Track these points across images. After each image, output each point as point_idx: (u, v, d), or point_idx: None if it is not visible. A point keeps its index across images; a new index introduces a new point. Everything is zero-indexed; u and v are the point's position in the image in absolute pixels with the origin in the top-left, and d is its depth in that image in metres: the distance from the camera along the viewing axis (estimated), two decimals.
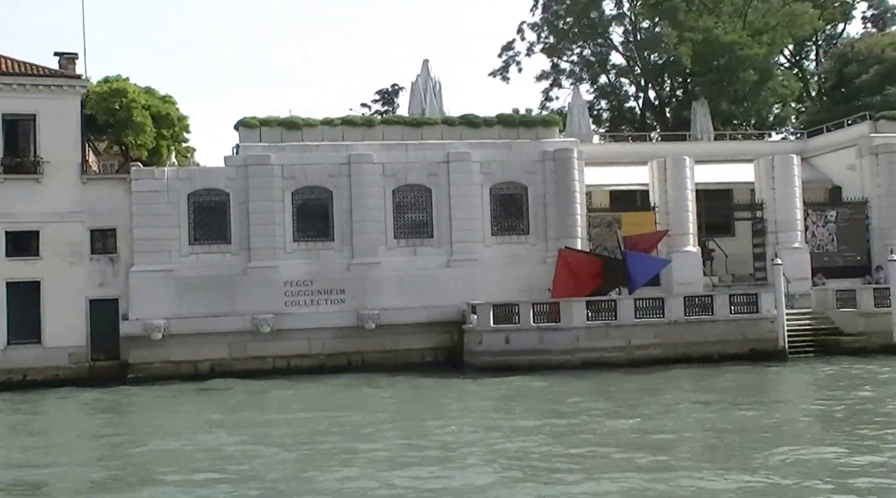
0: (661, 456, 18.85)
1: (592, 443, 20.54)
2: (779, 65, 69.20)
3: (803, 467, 17.58)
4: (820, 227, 42.65)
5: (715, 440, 20.70)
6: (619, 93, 59.59)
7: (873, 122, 44.15)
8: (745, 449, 19.38)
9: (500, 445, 20.66)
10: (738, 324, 35.46)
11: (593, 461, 18.59)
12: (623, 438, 20.84)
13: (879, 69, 57.72)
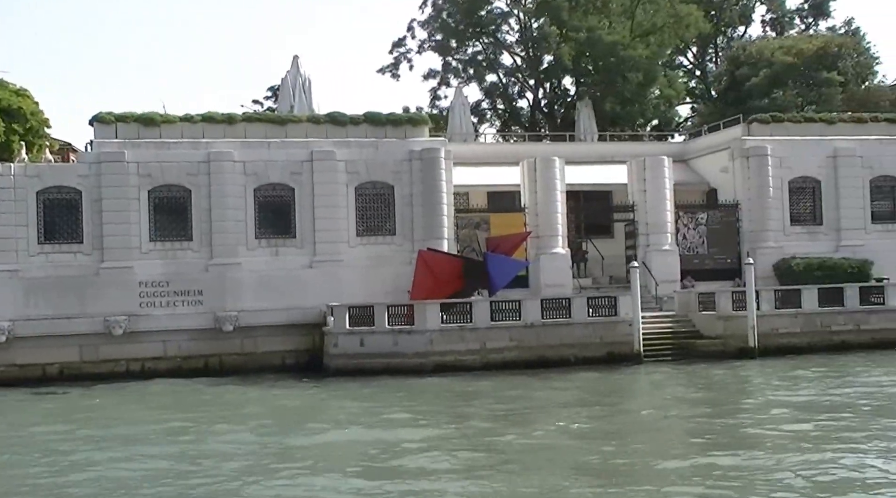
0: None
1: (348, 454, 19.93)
2: (678, 66, 69.73)
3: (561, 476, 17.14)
4: (691, 230, 42.56)
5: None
6: (510, 92, 59.19)
7: (746, 124, 44.18)
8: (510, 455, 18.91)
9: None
10: (595, 327, 35.11)
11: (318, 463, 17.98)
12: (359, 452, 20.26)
13: (769, 73, 58.19)
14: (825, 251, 42.60)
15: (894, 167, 44.09)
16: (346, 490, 16.65)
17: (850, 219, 43.40)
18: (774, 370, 32.18)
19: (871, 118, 45.01)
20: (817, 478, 16.59)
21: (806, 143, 43.47)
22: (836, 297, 37.31)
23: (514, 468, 18.07)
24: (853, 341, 36.76)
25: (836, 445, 19.24)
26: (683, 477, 17.08)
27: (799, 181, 43.41)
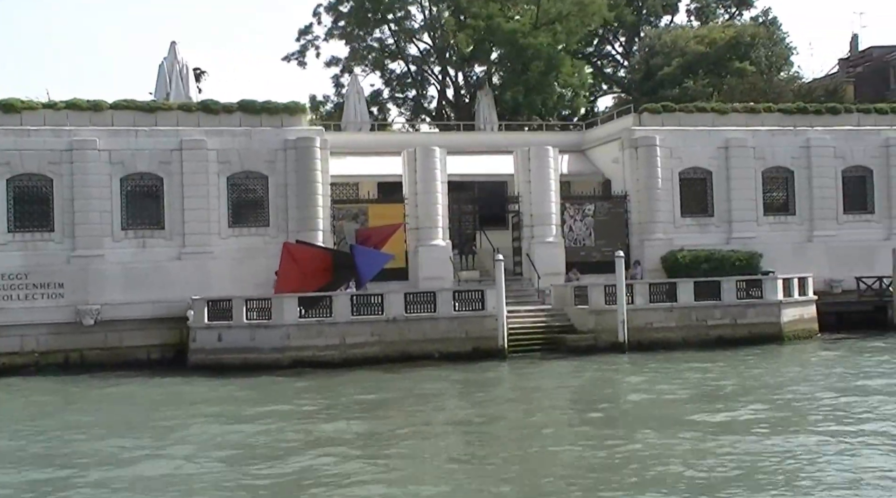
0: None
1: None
2: (604, 55, 69.05)
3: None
4: (578, 222, 41.74)
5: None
6: (418, 81, 58.04)
7: (637, 114, 43.38)
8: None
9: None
10: (461, 322, 34.21)
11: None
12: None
13: (681, 62, 57.52)
14: (716, 243, 41.91)
15: (787, 158, 43.46)
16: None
17: (742, 211, 42.72)
18: (630, 366, 31.39)
19: (764, 109, 44.30)
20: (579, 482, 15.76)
21: (697, 133, 42.73)
22: (712, 290, 36.56)
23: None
24: (730, 336, 36.05)
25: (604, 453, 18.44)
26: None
27: (689, 172, 42.69)
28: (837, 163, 43.97)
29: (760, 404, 22.80)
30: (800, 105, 44.74)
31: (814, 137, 43.63)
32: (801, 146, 43.50)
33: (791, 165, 43.51)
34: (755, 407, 22.49)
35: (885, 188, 44.29)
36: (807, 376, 28.13)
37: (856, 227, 44.04)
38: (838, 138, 43.98)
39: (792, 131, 43.70)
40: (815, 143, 43.53)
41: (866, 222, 44.27)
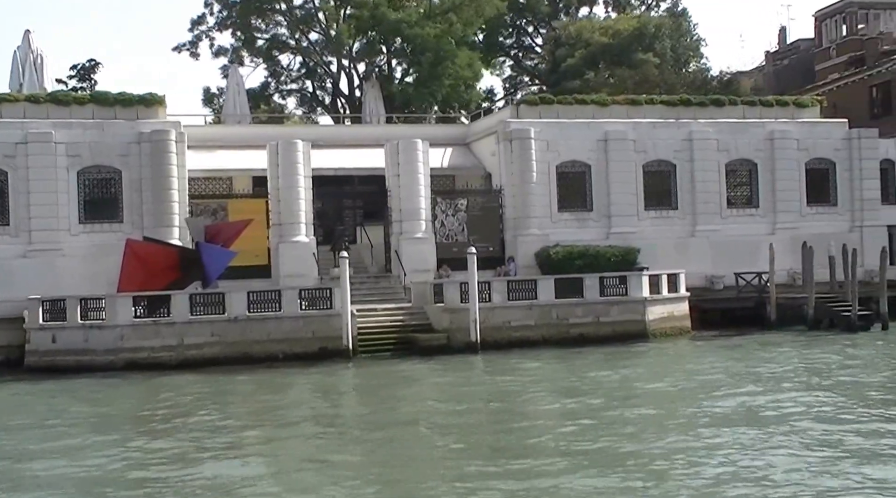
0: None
1: None
2: (517, 47, 68.00)
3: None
4: (450, 217, 40.60)
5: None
6: (313, 73, 56.52)
7: (515, 106, 42.30)
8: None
9: None
10: (308, 321, 32.99)
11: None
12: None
13: (584, 54, 56.54)
14: (594, 239, 40.90)
15: (669, 151, 42.52)
16: None
17: (621, 205, 41.74)
18: (459, 368, 30.35)
19: (646, 101, 43.31)
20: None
21: (575, 125, 41.67)
22: (575, 288, 35.52)
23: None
24: (592, 334, 35.02)
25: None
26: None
27: (567, 166, 41.65)
28: (721, 156, 43.07)
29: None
30: (683, 97, 43.84)
31: (696, 130, 42.70)
32: (684, 139, 42.57)
33: (673, 158, 42.57)
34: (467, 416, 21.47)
35: (769, 182, 43.46)
36: (623, 379, 27.09)
37: (740, 221, 43.20)
38: (722, 131, 43.08)
39: (674, 124, 42.76)
40: (697, 136, 42.60)
41: (751, 217, 43.45)
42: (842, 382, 24.66)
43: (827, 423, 19.10)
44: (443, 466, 16.87)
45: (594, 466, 16.11)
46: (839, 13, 54.39)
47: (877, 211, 44.36)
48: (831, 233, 43.12)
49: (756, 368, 27.86)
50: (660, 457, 16.69)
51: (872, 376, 25.74)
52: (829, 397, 22.18)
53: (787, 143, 43.50)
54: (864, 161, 44.23)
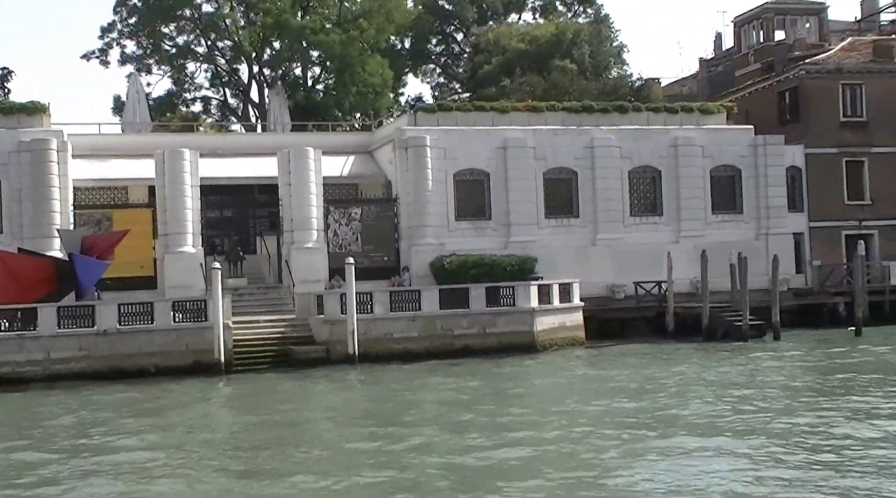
0: None
1: None
2: (436, 54, 67.48)
3: None
4: (343, 226, 39.84)
5: None
6: (222, 80, 55.57)
7: (412, 114, 41.67)
8: None
9: None
10: (181, 334, 32.08)
11: None
12: None
13: (501, 60, 56.02)
14: (493, 248, 40.32)
15: (570, 159, 41.99)
16: None
17: (521, 214, 41.16)
18: (327, 382, 29.66)
19: (548, 107, 42.74)
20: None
21: (474, 133, 41.09)
22: (460, 298, 34.87)
23: None
24: (478, 346, 34.37)
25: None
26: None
27: (465, 174, 41.05)
28: (624, 163, 42.61)
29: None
30: (586, 104, 43.26)
31: (598, 137, 42.20)
32: (585, 146, 42.05)
33: (574, 166, 42.05)
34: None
35: (673, 189, 43.01)
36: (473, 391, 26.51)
37: (643, 229, 42.71)
38: (625, 138, 42.60)
39: (576, 131, 42.25)
40: (599, 143, 42.10)
41: (654, 225, 42.97)
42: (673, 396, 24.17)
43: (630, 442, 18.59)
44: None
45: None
46: (756, 19, 54.08)
47: (783, 218, 44.03)
48: (737, 241, 42.73)
49: (610, 381, 27.49)
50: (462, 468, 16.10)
51: (718, 391, 25.12)
52: (640, 413, 21.60)
53: (692, 150, 43.09)
54: (770, 168, 43.89)
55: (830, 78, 45.41)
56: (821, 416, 20.41)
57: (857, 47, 47.85)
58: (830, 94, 45.41)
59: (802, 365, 30.10)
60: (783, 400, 22.86)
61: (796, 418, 20.15)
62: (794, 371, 28.52)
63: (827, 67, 45.56)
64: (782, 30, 54.29)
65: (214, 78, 54.58)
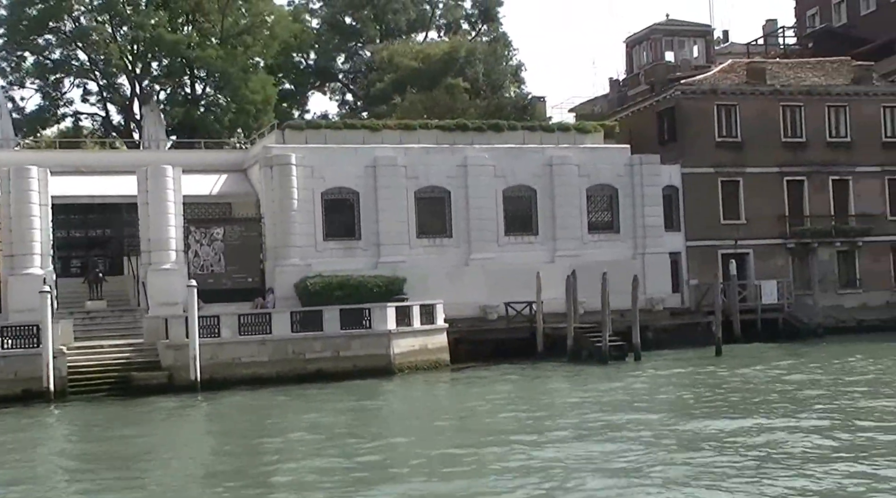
0: None
1: None
2: (340, 71, 66.68)
3: None
4: (205, 246, 38.68)
5: None
6: (102, 95, 54.08)
7: (281, 131, 40.73)
8: None
9: None
10: (9, 360, 30.64)
11: None
12: None
13: (394, 78, 55.36)
14: (363, 268, 39.46)
15: (442, 177, 41.32)
16: None
17: (391, 233, 40.39)
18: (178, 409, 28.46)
19: (420, 125, 42.09)
20: None
21: (343, 151, 40.25)
22: (314, 321, 33.91)
23: None
24: (331, 370, 33.41)
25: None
26: None
27: (334, 192, 40.17)
28: (498, 182, 42.02)
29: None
30: (460, 122, 42.66)
31: (472, 156, 41.60)
32: (459, 165, 41.42)
33: (447, 185, 41.37)
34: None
35: (549, 208, 42.51)
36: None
37: (518, 249, 42.14)
38: (499, 157, 42.04)
39: (449, 149, 41.60)
40: (472, 162, 41.50)
41: (529, 244, 42.42)
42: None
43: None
44: None
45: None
46: (646, 40, 54.06)
47: (660, 238, 43.76)
48: (614, 260, 42.37)
49: (462, 401, 26.73)
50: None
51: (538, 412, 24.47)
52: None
53: (568, 169, 42.66)
54: (647, 187, 43.62)
55: (705, 99, 45.34)
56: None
57: (736, 69, 47.90)
58: (706, 115, 45.33)
59: (631, 389, 28.96)
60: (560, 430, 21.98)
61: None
62: (618, 395, 27.62)
63: (702, 88, 45.49)
64: (671, 51, 54.33)
65: (89, 93, 53.02)
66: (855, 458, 17.46)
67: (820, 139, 46.77)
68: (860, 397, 25.38)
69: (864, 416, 22.25)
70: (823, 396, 25.99)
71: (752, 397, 26.06)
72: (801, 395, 26.33)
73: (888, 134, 47.67)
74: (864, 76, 47.91)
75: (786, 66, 49.70)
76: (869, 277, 46.89)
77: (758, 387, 28.45)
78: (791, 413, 22.91)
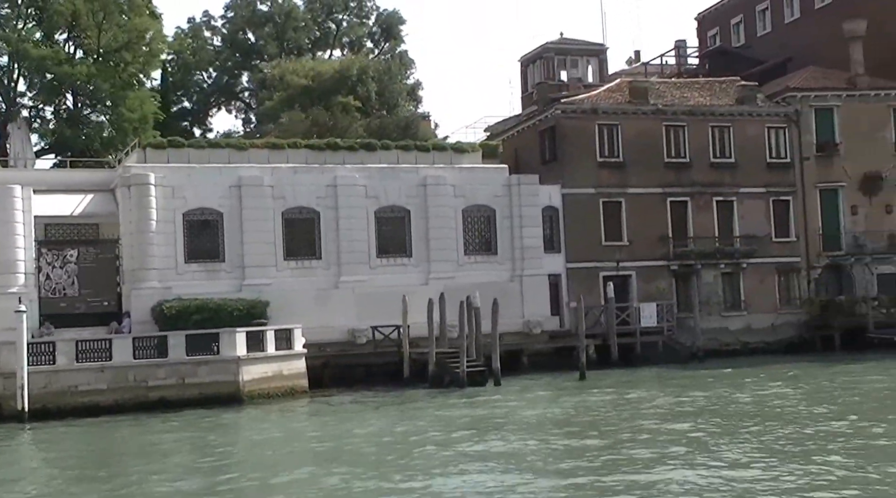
0: None
1: None
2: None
3: None
4: (58, 269, 37.18)
5: None
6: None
7: (143, 150, 39.44)
8: None
9: None
10: None
11: None
12: None
13: (283, 96, 54.36)
14: (227, 291, 38.20)
15: (311, 198, 40.22)
16: None
17: (257, 255, 39.17)
18: None
19: (289, 145, 40.98)
20: None
21: (205, 171, 39.02)
22: (159, 347, 32.58)
23: None
24: (175, 397, 32.03)
25: None
26: None
27: (197, 213, 38.89)
28: (370, 203, 41.02)
29: None
30: (331, 141, 41.64)
31: (342, 176, 40.58)
32: (328, 185, 40.38)
33: (316, 205, 40.29)
34: None
35: (423, 230, 41.56)
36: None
37: (391, 271, 41.11)
38: (371, 177, 41.08)
39: (318, 169, 40.55)
40: (342, 182, 40.48)
41: (403, 266, 41.41)
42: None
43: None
44: None
45: None
46: (539, 58, 53.58)
47: (539, 259, 42.97)
48: (491, 282, 41.54)
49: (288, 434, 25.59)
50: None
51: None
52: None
53: (443, 189, 41.78)
54: (525, 208, 42.86)
55: (587, 118, 44.68)
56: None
57: (623, 88, 47.36)
58: (587, 135, 44.68)
59: (462, 420, 27.46)
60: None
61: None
62: (443, 425, 26.34)
63: (582, 107, 44.83)
64: (564, 69, 53.91)
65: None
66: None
67: (704, 160, 46.31)
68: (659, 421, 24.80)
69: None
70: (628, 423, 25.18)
71: (569, 427, 25.13)
72: (623, 424, 25.41)
73: (772, 155, 47.33)
74: (748, 96, 47.59)
75: (673, 86, 49.36)
76: (753, 299, 46.42)
77: (588, 415, 27.60)
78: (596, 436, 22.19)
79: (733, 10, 60.76)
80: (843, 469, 18.03)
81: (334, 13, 68.84)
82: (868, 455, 19.40)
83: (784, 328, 46.45)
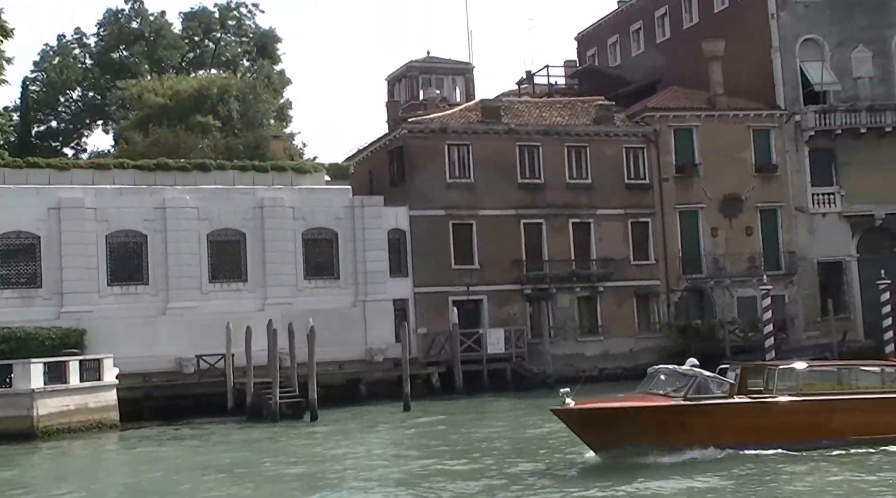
0: None
1: None
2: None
3: None
4: None
5: None
6: None
7: (60, 171, 37.56)
8: None
9: None
10: None
11: None
12: None
13: (140, 115, 52.40)
14: (43, 319, 36.37)
15: (139, 221, 38.52)
16: None
17: (77, 281, 37.34)
18: None
19: (116, 165, 39.34)
20: None
21: (21, 192, 37.18)
22: None
23: None
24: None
25: None
26: None
27: (11, 237, 36.99)
28: (202, 226, 39.37)
29: None
30: (161, 161, 39.91)
31: (172, 197, 38.91)
32: (157, 207, 38.70)
33: (143, 229, 38.54)
34: None
35: (259, 253, 39.97)
36: None
37: (225, 297, 39.48)
38: (204, 198, 39.44)
39: (146, 190, 38.84)
40: (172, 204, 38.82)
41: (238, 292, 39.79)
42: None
43: None
44: None
45: None
46: (404, 77, 52.43)
47: (383, 284, 41.57)
48: (332, 308, 40.19)
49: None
50: None
51: None
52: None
53: (280, 212, 40.27)
54: (369, 230, 41.49)
55: (435, 138, 43.44)
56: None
57: (478, 108, 46.24)
58: (436, 155, 43.40)
59: (247, 459, 26.07)
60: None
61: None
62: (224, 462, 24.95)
63: (431, 127, 43.58)
64: (429, 87, 52.79)
65: None
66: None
67: (559, 180, 45.21)
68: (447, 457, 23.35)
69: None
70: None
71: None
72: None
73: (631, 176, 46.42)
74: (605, 116, 46.74)
75: (532, 106, 48.37)
76: (611, 323, 45.36)
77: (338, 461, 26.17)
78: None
79: (609, 31, 60.30)
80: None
81: (212, 31, 67.19)
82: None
83: (643, 353, 45.17)
